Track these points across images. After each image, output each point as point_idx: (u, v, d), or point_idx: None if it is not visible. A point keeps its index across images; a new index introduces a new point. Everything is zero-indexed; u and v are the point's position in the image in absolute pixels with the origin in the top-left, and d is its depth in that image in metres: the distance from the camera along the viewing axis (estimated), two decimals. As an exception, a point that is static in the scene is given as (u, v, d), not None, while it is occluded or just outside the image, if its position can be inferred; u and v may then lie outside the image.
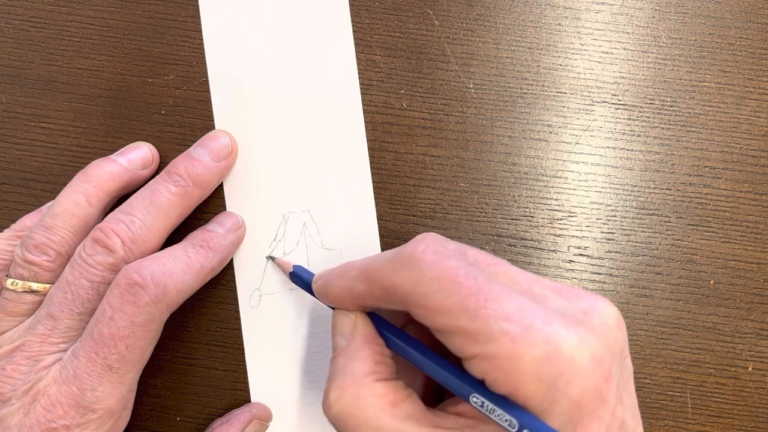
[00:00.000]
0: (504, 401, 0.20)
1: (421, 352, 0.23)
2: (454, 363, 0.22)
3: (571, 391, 0.19)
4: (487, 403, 0.21)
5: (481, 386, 0.21)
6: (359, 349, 0.24)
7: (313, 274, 0.27)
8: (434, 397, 0.26)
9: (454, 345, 0.21)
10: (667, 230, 0.31)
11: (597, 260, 0.31)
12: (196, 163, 0.28)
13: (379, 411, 0.22)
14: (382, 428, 0.22)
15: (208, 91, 0.31)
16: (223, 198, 0.30)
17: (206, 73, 0.31)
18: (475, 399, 0.21)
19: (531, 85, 0.31)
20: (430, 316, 0.21)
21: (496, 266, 0.22)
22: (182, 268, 0.26)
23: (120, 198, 0.29)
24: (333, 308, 0.26)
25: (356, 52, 0.31)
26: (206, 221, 0.30)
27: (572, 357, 0.19)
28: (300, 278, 0.28)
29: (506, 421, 0.20)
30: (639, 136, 0.31)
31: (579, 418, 0.20)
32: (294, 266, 0.29)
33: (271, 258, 0.30)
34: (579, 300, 0.22)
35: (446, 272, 0.21)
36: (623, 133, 0.31)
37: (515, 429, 0.20)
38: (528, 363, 0.19)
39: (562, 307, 0.21)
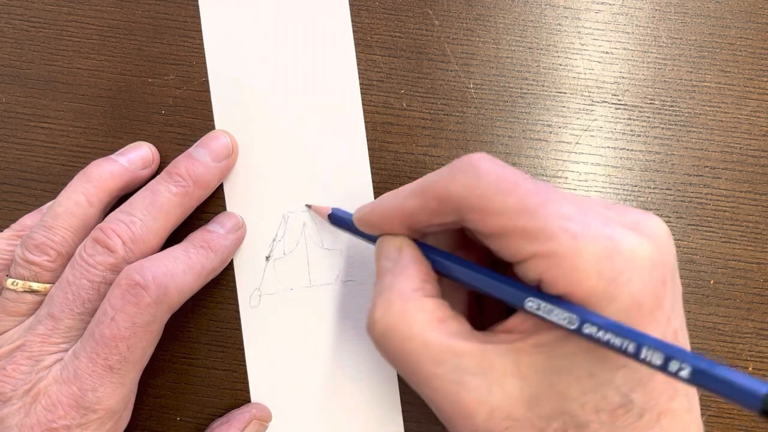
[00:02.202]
0: (559, 301, 0.20)
1: (470, 267, 0.23)
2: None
3: (631, 288, 0.19)
4: (544, 304, 0.20)
5: (534, 291, 0.21)
6: (406, 267, 0.23)
7: (351, 214, 0.27)
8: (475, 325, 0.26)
9: (509, 248, 0.21)
10: (667, 230, 0.31)
11: (597, 260, 0.31)
12: (197, 163, 0.28)
13: (427, 326, 0.22)
14: (429, 344, 0.21)
15: (208, 91, 0.31)
16: (223, 198, 0.30)
17: (206, 73, 0.31)
18: (530, 303, 0.20)
19: (531, 85, 0.31)
20: (487, 220, 0.21)
21: (546, 184, 0.22)
22: (183, 269, 0.26)
23: (120, 198, 0.29)
24: (374, 242, 0.26)
25: (356, 52, 0.31)
26: (206, 221, 0.30)
27: (633, 255, 0.19)
28: (340, 218, 0.28)
29: (565, 318, 0.19)
30: (639, 136, 0.31)
31: (639, 319, 0.19)
32: (333, 209, 0.29)
33: (308, 206, 0.30)
34: (629, 213, 0.22)
35: (504, 175, 0.21)
36: (623, 133, 0.31)
37: (575, 325, 0.19)
38: (588, 259, 0.19)
39: (615, 217, 0.21)
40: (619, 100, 0.31)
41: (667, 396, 0.20)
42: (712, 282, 0.31)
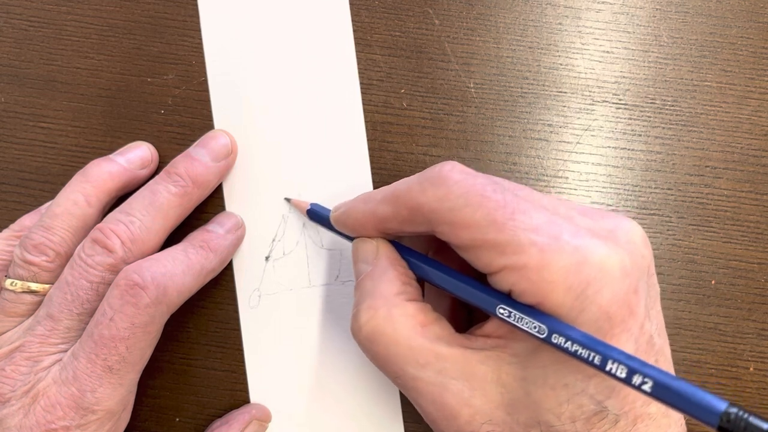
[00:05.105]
0: (531, 310, 0.20)
1: (445, 272, 0.23)
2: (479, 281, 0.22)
3: (600, 300, 0.19)
4: (514, 312, 0.20)
5: (507, 298, 0.21)
6: (385, 270, 0.24)
7: (329, 210, 0.27)
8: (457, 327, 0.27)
9: (480, 260, 0.21)
10: (668, 230, 0.31)
11: (598, 260, 0.31)
12: (196, 163, 0.28)
13: (411, 331, 0.22)
14: (413, 348, 0.22)
15: (207, 90, 0.31)
16: (222, 198, 0.30)
17: (205, 72, 0.31)
18: (501, 310, 0.21)
19: (532, 84, 0.31)
20: (457, 232, 0.21)
21: (521, 189, 0.22)
22: (182, 269, 0.26)
23: (119, 198, 0.29)
24: (352, 239, 0.26)
25: (356, 51, 0.31)
26: (206, 221, 0.30)
27: (601, 266, 0.19)
28: (318, 214, 0.28)
29: (534, 327, 0.20)
30: (640, 135, 0.31)
31: (609, 328, 0.19)
32: (311, 204, 0.29)
33: (287, 200, 0.30)
34: (604, 219, 0.22)
35: (473, 188, 0.21)
36: (624, 133, 0.31)
37: (544, 335, 0.19)
38: (556, 272, 0.19)
39: (588, 225, 0.21)
40: (620, 100, 0.31)
41: (642, 401, 0.21)
42: (713, 282, 0.31)
